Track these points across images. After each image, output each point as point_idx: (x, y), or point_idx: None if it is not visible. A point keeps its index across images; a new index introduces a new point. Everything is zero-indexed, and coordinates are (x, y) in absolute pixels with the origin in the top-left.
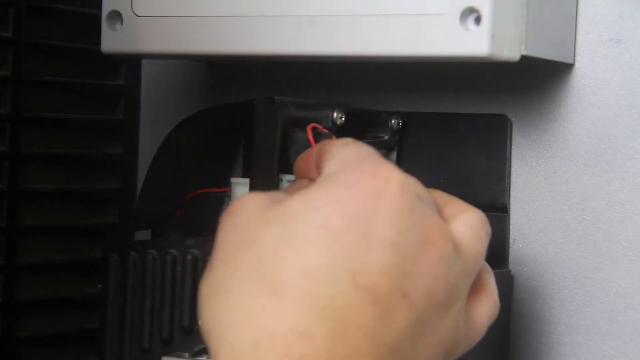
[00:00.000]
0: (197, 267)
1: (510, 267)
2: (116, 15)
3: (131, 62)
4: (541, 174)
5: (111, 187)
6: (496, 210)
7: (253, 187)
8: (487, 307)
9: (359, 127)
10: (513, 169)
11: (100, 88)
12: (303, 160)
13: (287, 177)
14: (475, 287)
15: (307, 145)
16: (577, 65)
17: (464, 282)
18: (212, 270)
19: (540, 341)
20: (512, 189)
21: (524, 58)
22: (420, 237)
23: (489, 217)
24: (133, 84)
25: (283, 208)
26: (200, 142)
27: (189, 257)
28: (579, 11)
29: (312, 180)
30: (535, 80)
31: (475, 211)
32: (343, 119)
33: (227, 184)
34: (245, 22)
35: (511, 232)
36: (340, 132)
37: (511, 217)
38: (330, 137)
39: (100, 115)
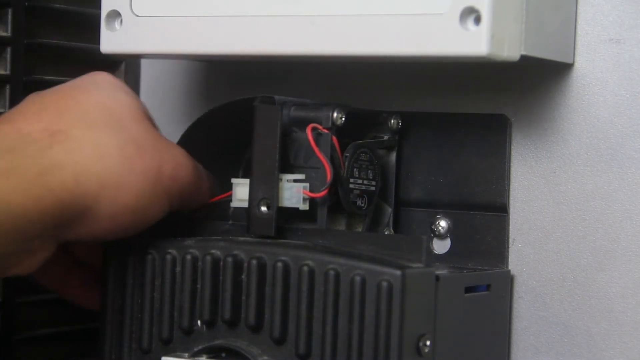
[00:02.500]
0: (197, 267)
1: (510, 267)
2: (115, 15)
3: (131, 62)
4: (541, 174)
5: None
6: (496, 210)
7: (253, 188)
8: None
9: (359, 127)
10: (513, 169)
11: None
12: None
13: (287, 177)
14: None
15: (307, 145)
16: (577, 65)
17: None
18: None
19: (540, 341)
20: (511, 189)
21: (523, 58)
22: None
23: (489, 217)
24: (133, 84)
25: None
26: (214, 144)
27: (189, 257)
28: (579, 11)
29: None
30: (534, 80)
31: None
32: (343, 119)
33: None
34: (245, 22)
35: (511, 232)
36: (340, 132)
37: (511, 217)
38: (330, 137)
39: None
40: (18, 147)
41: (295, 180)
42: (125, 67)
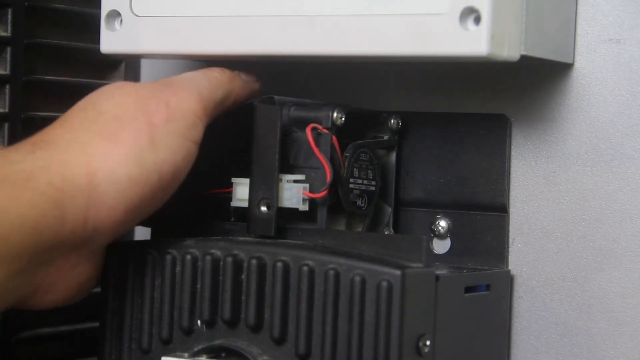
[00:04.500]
0: (197, 267)
1: (510, 267)
2: (115, 15)
3: (131, 62)
4: (541, 174)
5: None
6: (496, 210)
7: (253, 187)
8: None
9: (358, 127)
10: (513, 169)
11: None
12: None
13: (287, 177)
14: None
15: (307, 145)
16: (577, 65)
17: None
18: None
19: (540, 341)
20: (511, 189)
21: (523, 58)
22: None
23: (489, 217)
24: None
25: None
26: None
27: (189, 257)
28: (579, 11)
29: None
30: (534, 80)
31: None
32: (343, 119)
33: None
34: (245, 22)
35: (511, 232)
36: (340, 132)
37: (511, 217)
38: (330, 137)
39: None
40: (2, 158)
41: (295, 181)
42: (125, 67)
